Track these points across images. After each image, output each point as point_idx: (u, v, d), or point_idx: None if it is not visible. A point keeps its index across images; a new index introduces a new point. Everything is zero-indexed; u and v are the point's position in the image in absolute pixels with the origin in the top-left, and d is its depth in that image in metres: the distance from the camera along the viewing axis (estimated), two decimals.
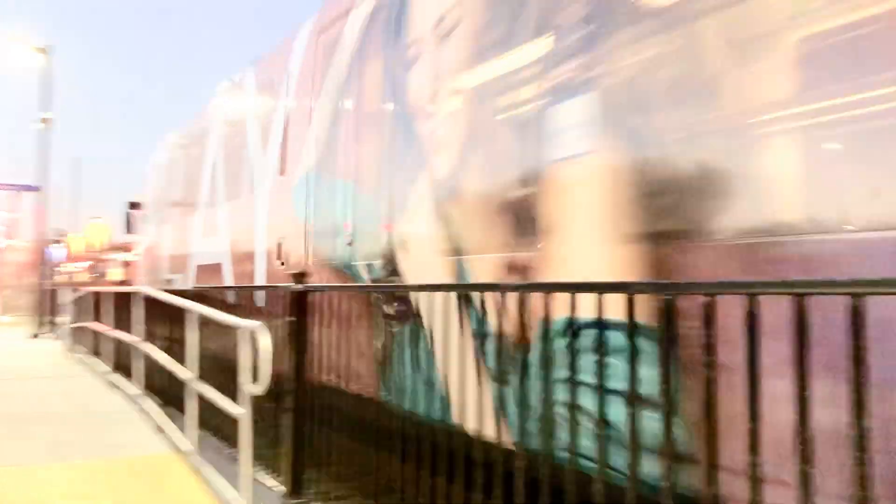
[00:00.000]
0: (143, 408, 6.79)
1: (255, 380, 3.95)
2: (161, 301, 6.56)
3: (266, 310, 4.95)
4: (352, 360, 4.10)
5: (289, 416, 4.17)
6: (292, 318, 4.18)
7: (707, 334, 1.87)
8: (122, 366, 8.40)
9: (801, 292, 1.68)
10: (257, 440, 4.37)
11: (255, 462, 4.38)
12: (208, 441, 5.34)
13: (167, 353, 6.35)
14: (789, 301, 1.67)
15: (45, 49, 20.18)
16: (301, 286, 4.26)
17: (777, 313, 1.71)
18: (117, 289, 10.84)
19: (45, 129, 19.91)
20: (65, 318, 14.73)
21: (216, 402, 4.72)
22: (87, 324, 11.06)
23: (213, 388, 4.90)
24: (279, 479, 4.34)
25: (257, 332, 3.98)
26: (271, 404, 4.44)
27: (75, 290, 14.38)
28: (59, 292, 19.81)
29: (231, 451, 4.88)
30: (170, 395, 6.48)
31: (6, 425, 6.15)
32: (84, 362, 10.80)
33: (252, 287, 6.99)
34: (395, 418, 3.45)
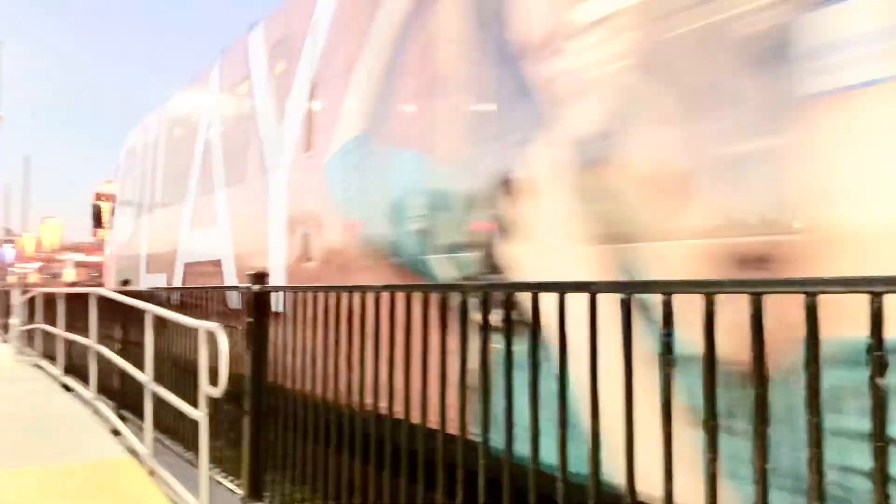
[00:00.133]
0: (97, 411, 6.64)
1: (213, 382, 3.90)
2: (117, 302, 6.42)
3: (234, 311, 4.62)
4: (320, 364, 4.05)
5: (248, 418, 4.12)
6: (251, 320, 4.12)
7: (666, 332, 1.89)
8: (76, 368, 8.20)
9: (758, 291, 1.70)
10: (217, 443, 4.31)
11: (214, 465, 4.32)
12: (166, 444, 5.25)
13: (123, 355, 6.22)
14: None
15: None
16: (258, 287, 4.21)
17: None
18: (71, 290, 10.48)
19: None
20: (16, 321, 14.35)
21: (174, 405, 4.64)
22: (40, 326, 10.77)
23: (171, 390, 4.82)
24: (238, 482, 4.28)
25: (215, 333, 3.93)
26: (231, 406, 4.38)
27: (25, 292, 13.90)
28: (11, 293, 19.27)
29: (190, 454, 4.81)
30: (126, 397, 6.35)
31: None
32: (36, 365, 10.52)
33: (210, 287, 6.82)
34: (357, 421, 3.42)
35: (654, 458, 1.75)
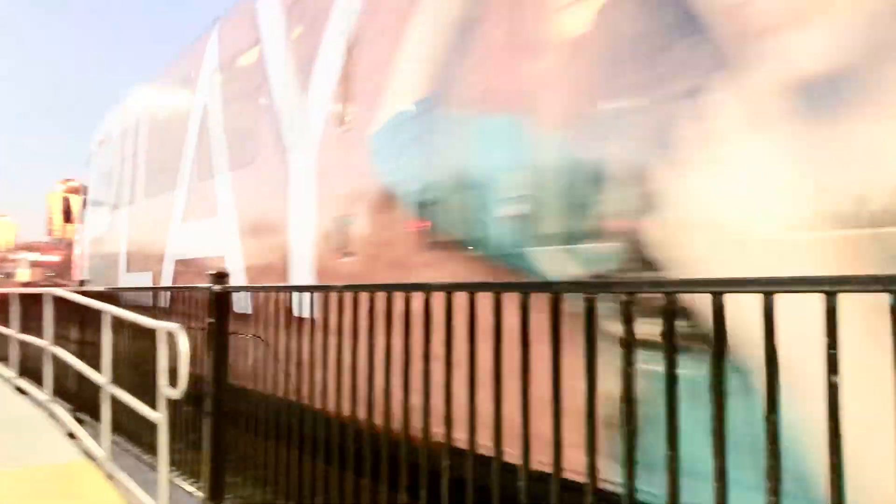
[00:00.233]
0: (53, 414, 6.50)
1: (173, 383, 3.84)
2: (76, 303, 6.28)
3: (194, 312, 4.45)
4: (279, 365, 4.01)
5: (209, 419, 4.06)
6: (212, 320, 4.07)
7: (627, 331, 1.91)
8: (31, 371, 8.01)
9: (718, 290, 1.73)
10: (177, 445, 4.24)
11: (174, 468, 4.26)
12: (125, 447, 5.16)
13: (82, 357, 6.09)
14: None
15: None
16: (220, 287, 4.15)
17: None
18: (25, 290, 10.17)
19: None
20: None
21: (133, 407, 4.55)
22: None
23: (131, 392, 4.73)
24: (199, 484, 4.23)
25: (175, 334, 3.86)
26: (192, 408, 4.32)
27: None
28: None
29: (149, 457, 4.73)
30: (83, 400, 6.22)
31: None
32: None
33: (171, 288, 6.70)
34: (318, 421, 3.39)
35: None
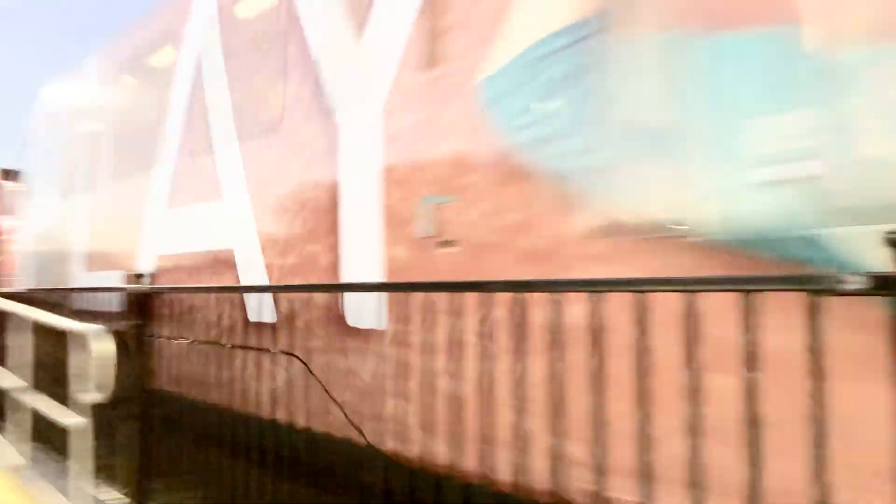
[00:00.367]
0: None
1: (96, 388, 3.69)
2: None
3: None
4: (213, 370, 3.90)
5: (133, 424, 3.93)
6: (137, 322, 3.93)
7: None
8: None
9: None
10: (101, 451, 4.09)
11: (98, 474, 4.11)
12: (48, 455, 4.96)
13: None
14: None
15: None
16: (147, 287, 4.01)
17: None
18: None
19: None
20: None
21: (45, 413, 4.36)
22: None
23: (50, 397, 4.54)
24: (123, 491, 4.09)
25: (93, 337, 3.69)
26: (116, 412, 4.16)
27: None
28: None
29: (71, 464, 4.55)
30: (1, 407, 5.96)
31: None
32: None
33: (91, 289, 6.36)
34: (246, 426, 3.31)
35: None
